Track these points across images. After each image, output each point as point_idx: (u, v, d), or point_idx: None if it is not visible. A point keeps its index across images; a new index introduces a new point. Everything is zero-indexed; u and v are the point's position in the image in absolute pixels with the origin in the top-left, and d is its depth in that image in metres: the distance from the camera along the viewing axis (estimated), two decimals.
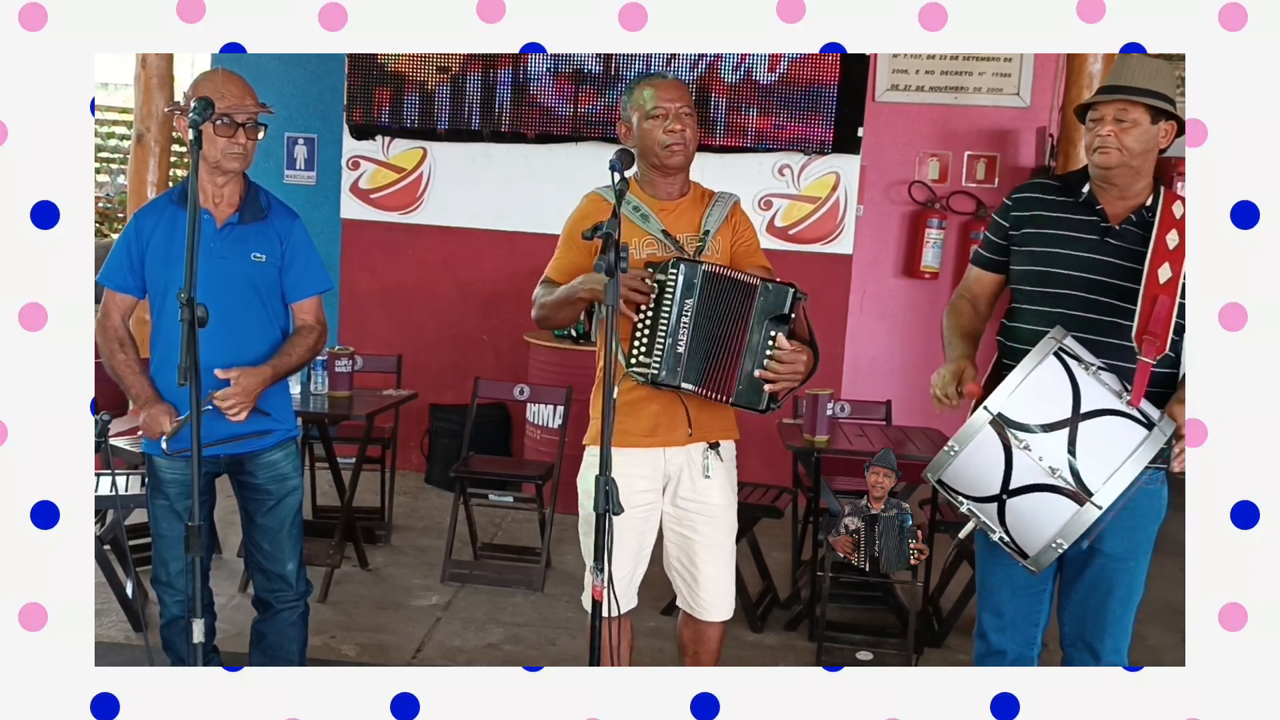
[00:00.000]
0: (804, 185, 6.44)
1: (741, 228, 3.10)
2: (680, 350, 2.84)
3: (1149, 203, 2.76)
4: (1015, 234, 2.90)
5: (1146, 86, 2.67)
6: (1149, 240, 2.68)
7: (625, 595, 3.06)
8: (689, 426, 3.01)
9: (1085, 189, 2.81)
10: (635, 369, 2.88)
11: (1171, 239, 2.67)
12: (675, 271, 2.83)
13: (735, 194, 3.16)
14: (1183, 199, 2.77)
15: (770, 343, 2.83)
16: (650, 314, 2.84)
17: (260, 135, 3.03)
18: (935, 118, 7.00)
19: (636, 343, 2.87)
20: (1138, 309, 2.62)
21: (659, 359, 2.84)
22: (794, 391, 2.90)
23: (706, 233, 3.01)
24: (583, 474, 3.10)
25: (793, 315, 2.84)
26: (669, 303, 2.83)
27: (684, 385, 2.87)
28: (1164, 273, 2.63)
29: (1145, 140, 2.69)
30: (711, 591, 3.12)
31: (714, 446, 3.07)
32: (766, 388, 2.84)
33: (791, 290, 2.83)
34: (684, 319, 2.83)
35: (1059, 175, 2.98)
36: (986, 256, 2.99)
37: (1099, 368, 2.53)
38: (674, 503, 3.08)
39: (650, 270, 2.86)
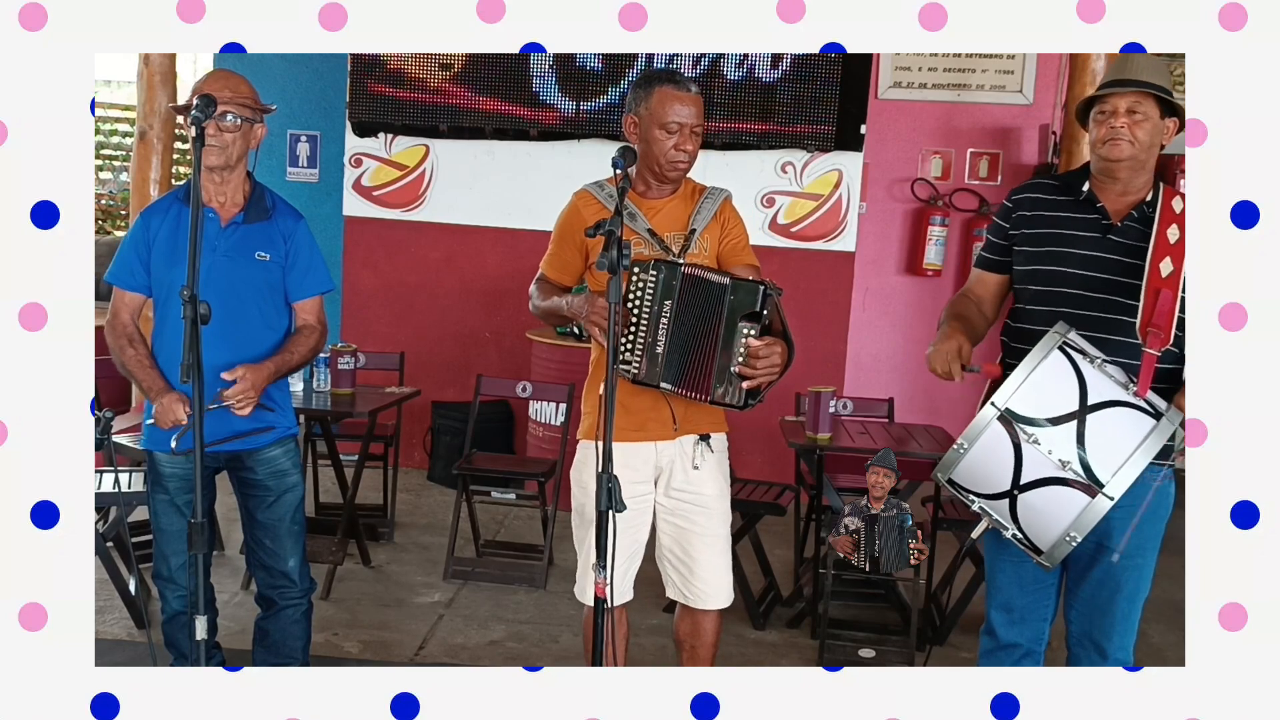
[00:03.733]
0: (806, 182, 6.44)
1: (730, 225, 3.11)
2: (659, 350, 2.89)
3: (1149, 198, 2.76)
4: (1016, 234, 2.90)
5: (1154, 81, 2.67)
6: (1150, 236, 2.69)
7: (620, 588, 3.07)
8: (674, 422, 3.05)
9: (1085, 187, 2.81)
10: (620, 366, 2.92)
11: (1172, 233, 2.67)
12: (655, 273, 2.88)
13: (726, 189, 3.16)
14: (1182, 194, 2.78)
15: (743, 340, 2.83)
16: (634, 314, 2.89)
17: (235, 129, 2.97)
18: (938, 115, 6.99)
19: (623, 341, 2.92)
20: (1140, 302, 2.63)
21: (639, 358, 2.91)
22: (773, 385, 2.88)
23: (693, 231, 3.03)
24: (576, 468, 3.16)
25: (764, 312, 2.83)
26: (650, 303, 2.88)
27: (663, 385, 2.92)
28: (1165, 267, 2.64)
29: (1154, 134, 2.71)
30: (707, 580, 3.14)
31: (704, 438, 3.09)
32: (744, 384, 2.85)
33: (761, 288, 2.83)
34: (663, 320, 2.88)
35: (1058, 175, 2.98)
36: (988, 257, 3.00)
37: (1104, 360, 2.54)
38: (666, 494, 3.11)
39: (636, 270, 2.90)
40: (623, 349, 2.91)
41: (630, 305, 2.89)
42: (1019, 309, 2.90)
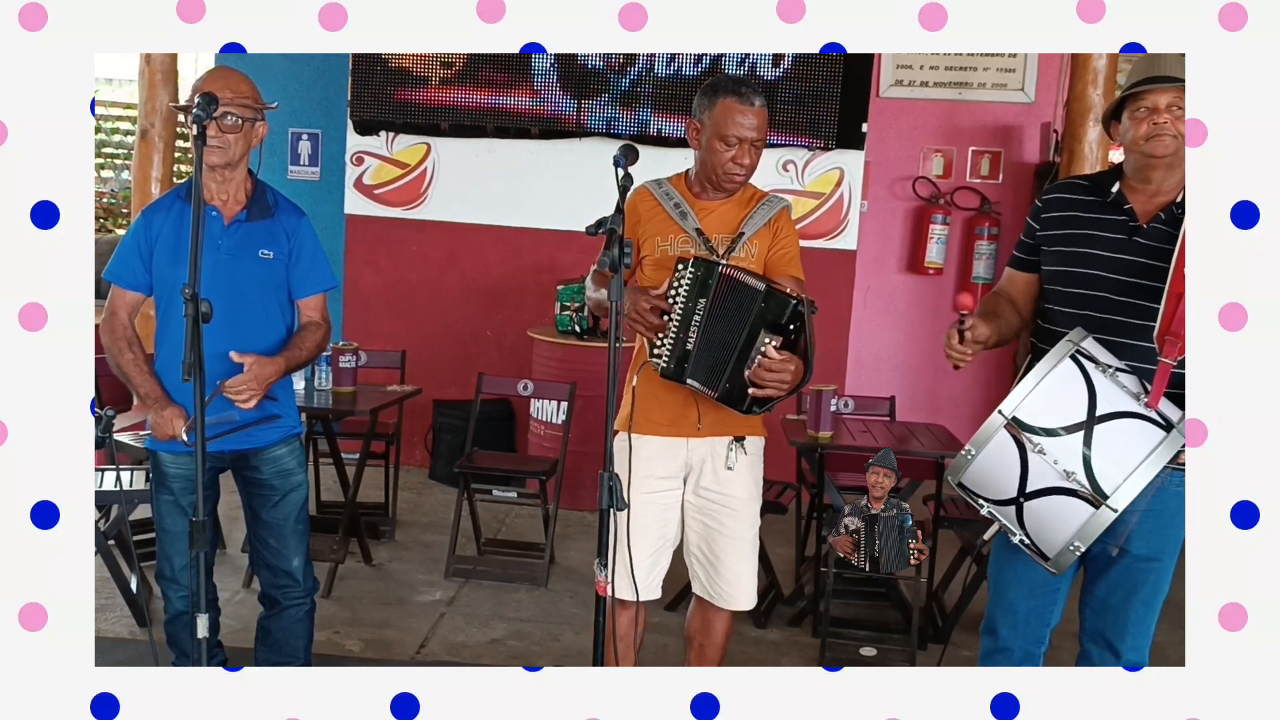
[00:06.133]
0: (808, 181, 6.44)
1: (783, 235, 3.11)
2: (689, 347, 2.90)
3: (1179, 199, 2.71)
4: (1044, 234, 2.88)
5: (1185, 78, 2.60)
6: (1176, 239, 2.63)
7: (645, 583, 3.10)
8: (698, 421, 3.06)
9: (1115, 188, 2.78)
10: (654, 357, 2.96)
11: None
12: (695, 270, 2.89)
13: (785, 199, 3.18)
14: None
15: (762, 348, 2.83)
16: (674, 309, 2.91)
17: (236, 130, 2.96)
18: (939, 113, 6.99)
19: (660, 334, 2.94)
20: (1160, 309, 2.58)
21: (669, 352, 2.92)
22: (781, 400, 2.89)
23: (741, 235, 3.04)
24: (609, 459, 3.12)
25: (791, 326, 2.83)
26: (685, 300, 2.89)
27: (689, 381, 2.92)
28: None
29: None
30: (731, 581, 3.16)
31: (739, 440, 3.10)
32: (751, 391, 2.85)
33: (793, 303, 2.83)
34: (695, 317, 2.89)
35: (1089, 175, 2.95)
36: (1019, 257, 2.98)
37: (1117, 370, 2.51)
38: (695, 491, 3.12)
39: (678, 266, 2.92)
40: (660, 342, 2.94)
41: (670, 300, 2.91)
42: (1047, 309, 2.88)
